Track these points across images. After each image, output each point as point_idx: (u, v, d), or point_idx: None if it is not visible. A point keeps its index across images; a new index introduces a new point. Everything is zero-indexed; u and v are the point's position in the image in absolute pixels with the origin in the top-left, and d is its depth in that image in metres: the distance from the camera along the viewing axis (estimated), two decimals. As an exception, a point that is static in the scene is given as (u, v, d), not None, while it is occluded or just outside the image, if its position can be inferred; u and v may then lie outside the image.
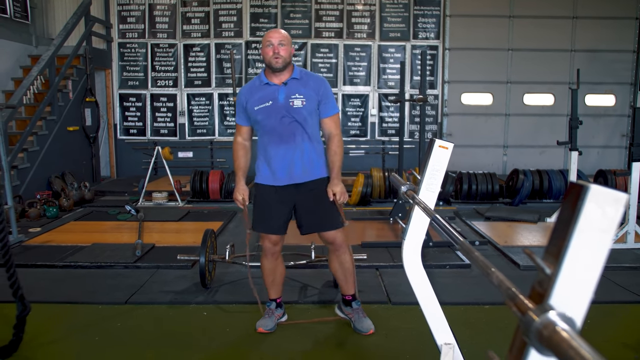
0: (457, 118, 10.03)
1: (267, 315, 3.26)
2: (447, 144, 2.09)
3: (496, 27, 9.80)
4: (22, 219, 6.06)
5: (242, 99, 3.05)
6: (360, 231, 5.78)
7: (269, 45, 2.92)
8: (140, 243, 4.81)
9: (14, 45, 8.32)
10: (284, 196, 3.05)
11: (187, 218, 6.39)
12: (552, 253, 0.92)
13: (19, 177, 6.66)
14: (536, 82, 9.87)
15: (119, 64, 9.70)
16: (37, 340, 3.11)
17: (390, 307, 3.64)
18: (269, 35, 2.95)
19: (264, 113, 2.97)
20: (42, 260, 4.51)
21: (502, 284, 1.03)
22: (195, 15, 9.68)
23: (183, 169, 9.03)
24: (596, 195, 0.87)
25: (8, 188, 4.99)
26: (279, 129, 2.97)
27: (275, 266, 3.24)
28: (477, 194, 7.22)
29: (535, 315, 0.84)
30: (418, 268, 2.11)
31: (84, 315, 3.50)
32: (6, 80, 8.10)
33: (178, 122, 9.81)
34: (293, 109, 2.95)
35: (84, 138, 8.56)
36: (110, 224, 6.09)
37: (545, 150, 9.89)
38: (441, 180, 2.10)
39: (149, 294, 3.84)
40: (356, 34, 9.81)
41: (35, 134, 7.14)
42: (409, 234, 2.13)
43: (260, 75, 3.04)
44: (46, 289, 3.95)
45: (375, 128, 9.99)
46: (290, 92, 2.96)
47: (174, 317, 3.49)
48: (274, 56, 2.91)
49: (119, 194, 7.98)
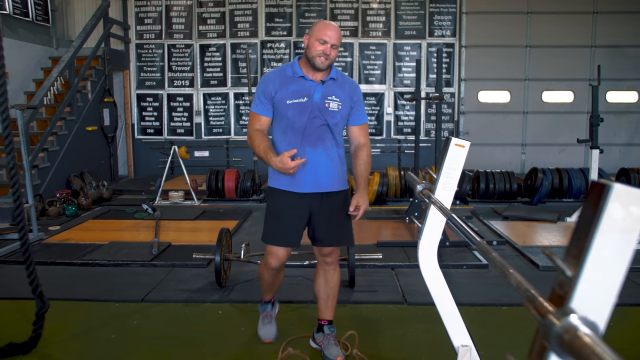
0: (474, 116, 9.92)
1: (266, 321, 3.09)
2: (463, 142, 2.06)
3: (513, 24, 9.66)
4: (42, 217, 6.14)
5: (270, 88, 2.66)
6: (375, 230, 5.75)
7: (322, 42, 2.57)
8: (156, 242, 4.84)
9: (35, 47, 8.45)
10: (303, 205, 2.71)
11: (203, 217, 6.42)
12: (573, 254, 0.89)
13: (40, 176, 6.75)
14: (555, 79, 9.71)
15: (136, 64, 9.79)
16: (56, 336, 3.14)
17: (406, 308, 3.61)
18: (326, 31, 2.59)
19: (297, 109, 2.63)
20: (61, 258, 4.57)
21: (521, 285, 1.00)
22: (211, 16, 9.73)
23: (199, 168, 9.09)
24: (619, 194, 0.84)
25: (29, 187, 5.06)
26: (308, 129, 2.65)
27: (276, 278, 2.97)
28: (495, 193, 7.11)
29: (555, 318, 0.81)
30: (434, 268, 2.08)
31: (101, 312, 3.53)
32: (28, 81, 8.23)
33: (194, 122, 9.87)
34: (328, 111, 2.65)
35: (102, 138, 8.65)
36: (127, 222, 6.14)
37: (565, 148, 9.73)
38: (458, 179, 2.07)
39: (164, 292, 3.86)
40: (371, 33, 9.76)
41: (55, 133, 7.24)
42: (424, 233, 2.10)
43: (294, 66, 2.69)
44: (64, 287, 4.00)
45: (391, 126, 9.94)
46: (327, 92, 2.67)
47: (189, 315, 3.50)
48: (323, 56, 2.58)
49: (136, 192, 8.05)
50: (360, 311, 3.56)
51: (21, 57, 8.02)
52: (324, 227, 2.74)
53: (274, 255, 2.75)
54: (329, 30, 2.58)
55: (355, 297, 3.78)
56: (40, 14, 8.42)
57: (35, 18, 8.25)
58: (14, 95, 7.71)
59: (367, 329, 3.26)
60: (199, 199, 7.40)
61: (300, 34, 9.70)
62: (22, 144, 4.90)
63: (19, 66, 7.94)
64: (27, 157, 4.99)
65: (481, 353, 2.10)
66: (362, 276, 4.14)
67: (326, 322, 2.95)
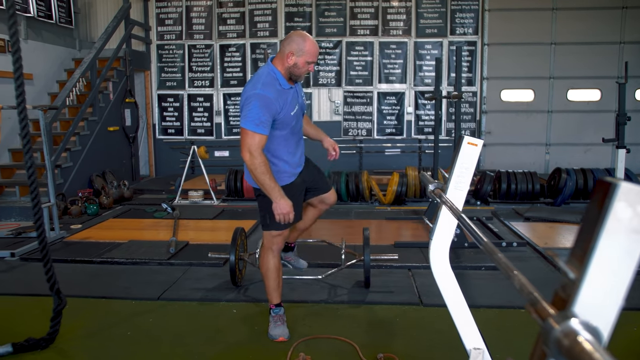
0: (497, 115, 9.76)
1: (279, 323, 3.10)
2: (476, 141, 2.01)
3: (538, 21, 9.47)
4: (65, 215, 6.25)
5: (275, 107, 2.76)
6: (394, 231, 5.70)
7: (311, 64, 2.83)
8: (174, 240, 4.88)
9: (59, 49, 8.62)
10: (301, 182, 3.16)
11: (222, 216, 6.45)
12: (577, 256, 0.85)
13: (63, 176, 6.88)
14: (581, 77, 9.49)
15: (157, 65, 9.90)
16: (73, 333, 3.19)
17: (422, 309, 3.56)
18: (314, 53, 2.82)
19: (296, 116, 2.96)
20: (80, 256, 4.64)
21: (524, 288, 0.96)
22: (231, 16, 9.78)
23: (219, 168, 9.13)
24: (627, 192, 0.80)
25: (51, 186, 5.14)
26: (299, 129, 3.09)
27: (280, 266, 3.17)
28: (517, 194, 6.96)
29: (555, 322, 0.77)
30: (446, 269, 2.04)
31: (118, 310, 3.57)
32: (52, 83, 8.40)
33: (214, 122, 9.94)
34: (305, 104, 3.14)
35: (123, 138, 8.77)
36: (147, 221, 6.21)
37: (591, 148, 9.51)
38: (470, 178, 2.02)
39: (180, 291, 3.89)
40: (392, 31, 9.69)
41: (77, 134, 7.36)
42: (436, 233, 2.06)
43: (280, 80, 2.83)
44: (83, 284, 4.06)
45: (411, 126, 9.85)
46: (299, 92, 3.04)
47: (203, 313, 3.51)
48: (306, 74, 2.92)
49: (156, 192, 8.14)
50: (374, 312, 3.53)
51: (45, 59, 8.19)
52: (318, 181, 3.29)
53: (283, 236, 3.08)
54: (316, 53, 2.84)
55: (370, 298, 3.74)
56: (63, 16, 8.58)
57: (58, 20, 8.42)
58: (38, 97, 7.88)
59: (381, 330, 3.23)
60: (218, 198, 7.44)
61: (321, 33, 9.68)
62: (44, 144, 4.99)
63: (43, 68, 8.11)
64: (49, 157, 5.07)
65: (495, 356, 2.05)
66: (378, 277, 4.11)
67: (293, 244, 3.76)
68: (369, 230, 4.00)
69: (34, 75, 7.77)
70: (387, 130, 9.86)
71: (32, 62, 7.73)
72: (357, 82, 9.78)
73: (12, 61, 2.41)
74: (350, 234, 5.01)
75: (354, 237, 4.90)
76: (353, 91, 9.81)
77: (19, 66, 2.43)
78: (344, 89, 9.81)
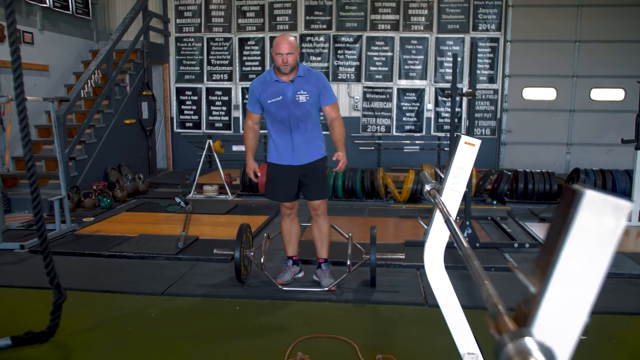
0: (518, 114, 9.57)
1: (284, 270, 3.90)
2: (473, 141, 1.94)
3: (563, 18, 9.24)
4: (78, 208, 6.32)
5: (255, 92, 3.60)
6: (406, 229, 5.62)
7: (278, 54, 3.41)
8: (184, 235, 4.88)
9: (76, 40, 8.69)
10: (288, 173, 3.67)
11: (235, 211, 6.45)
12: (540, 268, 0.79)
13: (77, 169, 6.95)
14: (605, 76, 9.23)
15: (175, 58, 9.94)
16: (74, 327, 3.20)
17: (426, 309, 3.49)
18: (278, 46, 3.41)
19: (276, 106, 3.53)
20: (89, 249, 4.68)
21: (490, 299, 0.90)
22: (250, 9, 9.75)
23: (237, 162, 9.10)
24: (592, 202, 0.73)
25: (62, 178, 5.19)
26: (287, 120, 3.56)
27: (291, 227, 3.86)
28: (534, 194, 6.80)
29: (509, 338, 0.71)
30: (439, 271, 1.98)
31: (121, 304, 3.58)
32: (69, 74, 8.48)
33: (232, 116, 9.94)
34: (299, 103, 3.52)
35: (140, 131, 8.84)
36: (160, 215, 6.24)
37: (613, 149, 9.23)
38: (467, 179, 1.95)
39: (185, 286, 3.88)
40: (413, 26, 9.54)
41: (93, 126, 7.42)
42: (431, 234, 2.00)
43: (271, 73, 3.55)
44: (90, 277, 4.08)
45: (431, 123, 9.71)
46: (297, 88, 3.51)
47: (206, 309, 3.50)
48: (283, 64, 3.42)
49: (172, 186, 8.18)
50: (378, 311, 3.48)
51: (62, 50, 8.25)
52: (307, 187, 3.70)
53: (283, 205, 3.79)
54: (281, 45, 3.40)
55: (376, 297, 3.69)
56: (80, 7, 8.65)
57: (75, 11, 8.48)
58: (54, 88, 7.96)
59: (383, 330, 3.18)
60: (232, 193, 7.44)
61: (341, 27, 9.59)
62: (55, 137, 5.04)
63: (60, 59, 8.18)
64: (60, 149, 5.12)
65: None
66: (385, 276, 4.05)
67: (322, 260, 3.89)
68: (376, 229, 3.96)
69: (49, 66, 7.84)
70: (406, 127, 9.74)
71: (48, 53, 7.80)
72: (376, 77, 9.67)
73: (10, 52, 2.42)
74: (363, 231, 4.95)
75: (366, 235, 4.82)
76: (372, 87, 9.71)
77: (17, 57, 2.43)
78: (364, 85, 9.71)
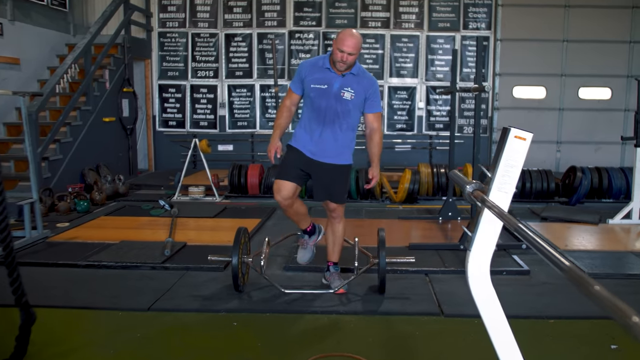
0: (509, 112, 9.44)
1: (302, 247, 3.65)
2: (525, 134, 1.62)
3: (551, 17, 9.21)
4: (52, 212, 5.77)
5: (302, 72, 3.38)
6: (407, 231, 5.31)
7: (340, 50, 3.16)
8: (170, 242, 4.40)
9: (51, 33, 8.06)
10: (306, 164, 3.38)
11: (224, 214, 5.98)
12: None
13: (51, 169, 6.36)
14: (593, 75, 9.21)
15: (158, 54, 9.41)
16: (47, 351, 2.73)
17: (443, 320, 3.14)
18: (343, 42, 3.14)
19: (317, 92, 3.31)
20: (64, 258, 4.14)
21: None
22: (238, 4, 9.31)
23: (223, 163, 8.62)
24: None
25: (33, 180, 4.64)
26: (325, 111, 3.31)
27: (294, 210, 3.48)
28: (532, 193, 6.71)
29: None
30: (486, 284, 1.65)
31: (102, 323, 3.10)
32: (42, 68, 7.85)
33: (218, 114, 9.46)
34: (342, 99, 3.29)
35: (120, 129, 8.27)
36: (142, 219, 5.72)
37: (601, 147, 9.26)
38: (517, 178, 1.64)
39: (175, 300, 3.41)
40: (404, 24, 9.29)
41: (68, 124, 6.85)
42: (476, 242, 1.65)
43: (325, 59, 3.34)
44: (65, 292, 3.57)
45: (422, 122, 9.44)
46: (345, 84, 3.29)
47: (200, 327, 3.04)
48: (341, 62, 3.19)
49: (155, 187, 7.66)
50: (391, 323, 3.12)
51: (35, 42, 7.61)
52: (317, 186, 3.50)
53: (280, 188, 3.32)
54: (346, 40, 3.15)
55: (386, 307, 3.32)
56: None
57: (50, 2, 7.89)
58: (26, 83, 7.34)
59: (399, 345, 2.83)
60: (220, 195, 6.97)
61: (330, 24, 9.25)
62: (25, 135, 4.50)
63: (33, 52, 7.54)
64: (31, 149, 4.57)
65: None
66: (393, 282, 3.66)
67: (332, 263, 3.63)
68: (384, 231, 3.58)
69: (21, 60, 7.20)
70: (398, 125, 9.42)
71: (19, 45, 7.16)
72: (367, 75, 9.29)
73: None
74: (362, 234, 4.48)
75: (365, 238, 4.39)
76: (363, 85, 9.33)
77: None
78: (354, 83, 9.32)
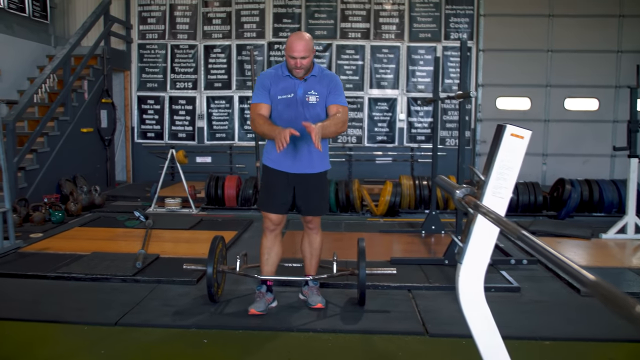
0: (492, 124, 9.33)
1: (258, 299, 3.37)
2: (523, 132, 1.54)
3: (534, 27, 9.18)
4: (26, 223, 5.69)
5: (266, 82, 3.20)
6: (388, 245, 5.23)
7: (291, 57, 3.07)
8: (142, 253, 4.35)
9: (32, 44, 8.05)
10: (286, 180, 3.27)
11: (199, 227, 5.93)
12: None
13: (27, 179, 6.29)
14: (578, 85, 9.16)
15: (138, 65, 9.38)
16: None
17: (428, 340, 3.04)
18: (292, 47, 3.06)
19: (285, 103, 3.18)
20: (33, 270, 4.08)
21: None
22: (217, 16, 9.32)
23: (201, 175, 8.59)
24: None
25: (6, 189, 4.59)
26: (294, 121, 3.13)
27: (273, 245, 3.39)
28: (518, 206, 6.55)
29: None
30: (479, 301, 1.56)
31: (66, 338, 3.03)
32: (22, 79, 7.82)
33: (197, 126, 9.42)
34: (308, 104, 3.18)
35: (98, 140, 8.21)
36: (117, 230, 5.67)
37: (589, 159, 9.16)
38: (514, 181, 1.55)
39: (143, 314, 3.36)
40: (384, 35, 9.31)
41: (46, 134, 6.79)
42: (468, 253, 1.58)
43: (282, 67, 3.22)
44: (31, 304, 3.50)
45: (403, 134, 9.43)
46: (308, 87, 3.18)
47: (168, 344, 2.98)
48: (296, 68, 3.11)
49: (131, 199, 7.59)
50: (372, 342, 3.01)
51: (16, 54, 7.61)
52: (302, 199, 3.31)
53: (268, 217, 3.31)
54: (295, 45, 3.06)
55: (366, 325, 3.22)
56: (37, 10, 8.06)
57: (32, 14, 7.88)
58: (6, 93, 7.32)
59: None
60: (197, 207, 6.92)
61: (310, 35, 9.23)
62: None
63: (13, 64, 7.54)
64: (4, 157, 4.52)
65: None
66: (374, 298, 3.61)
67: (311, 276, 3.50)
68: (364, 241, 3.53)
69: (1, 70, 7.19)
70: (378, 137, 9.43)
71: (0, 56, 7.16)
72: (347, 86, 9.31)
73: None
74: (341, 247, 4.47)
75: (345, 252, 4.38)
76: (343, 96, 9.35)
77: None
78: (334, 94, 9.34)
